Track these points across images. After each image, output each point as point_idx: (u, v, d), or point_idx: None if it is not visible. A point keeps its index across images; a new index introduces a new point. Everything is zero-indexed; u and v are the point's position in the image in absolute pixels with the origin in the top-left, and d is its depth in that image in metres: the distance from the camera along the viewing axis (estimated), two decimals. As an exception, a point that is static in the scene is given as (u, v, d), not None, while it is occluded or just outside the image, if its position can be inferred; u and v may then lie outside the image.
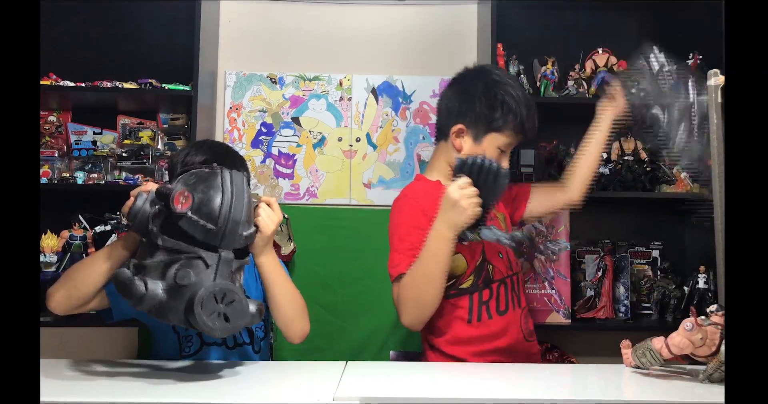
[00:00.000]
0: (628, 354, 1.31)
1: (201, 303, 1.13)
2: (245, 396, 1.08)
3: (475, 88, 1.60)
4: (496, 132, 1.58)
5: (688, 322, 1.18)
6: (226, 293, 1.16)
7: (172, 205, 1.16)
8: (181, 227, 1.17)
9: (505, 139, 1.59)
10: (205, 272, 1.17)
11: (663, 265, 2.59)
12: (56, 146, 2.52)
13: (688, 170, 2.13)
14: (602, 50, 2.56)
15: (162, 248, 1.19)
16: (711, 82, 1.95)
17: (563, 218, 2.32)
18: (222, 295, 1.15)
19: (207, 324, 1.14)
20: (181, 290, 1.15)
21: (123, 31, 2.63)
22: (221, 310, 1.15)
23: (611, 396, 1.15)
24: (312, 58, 2.70)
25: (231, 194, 1.20)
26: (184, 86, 2.39)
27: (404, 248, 1.56)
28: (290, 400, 1.07)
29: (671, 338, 1.21)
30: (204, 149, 1.60)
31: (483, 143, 1.59)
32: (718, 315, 1.19)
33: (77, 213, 2.44)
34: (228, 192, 1.20)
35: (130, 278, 1.15)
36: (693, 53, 2.47)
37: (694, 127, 1.43)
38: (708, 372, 1.18)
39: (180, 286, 1.14)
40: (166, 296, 1.15)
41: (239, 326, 1.20)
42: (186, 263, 1.17)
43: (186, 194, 1.17)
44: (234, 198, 1.20)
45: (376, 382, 1.24)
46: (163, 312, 1.17)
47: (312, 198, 2.66)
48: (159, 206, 1.21)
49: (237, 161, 1.60)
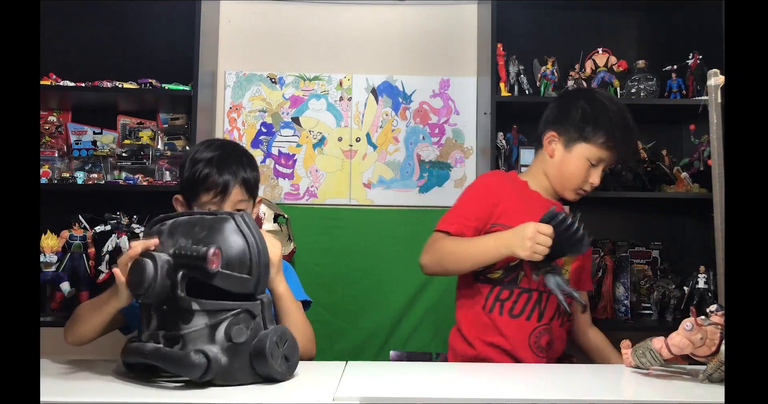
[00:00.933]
0: (628, 354, 1.31)
1: (271, 353, 1.12)
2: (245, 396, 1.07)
3: (575, 101, 1.71)
4: (586, 142, 1.66)
5: (688, 322, 1.18)
6: (280, 336, 1.15)
7: (208, 266, 1.09)
8: (215, 284, 1.12)
9: (594, 151, 1.65)
10: (254, 322, 1.14)
11: (663, 265, 2.59)
12: (56, 146, 2.52)
13: None
14: (602, 50, 2.56)
15: (199, 313, 1.12)
16: (711, 82, 1.95)
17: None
18: (282, 339, 1.15)
19: (278, 371, 1.14)
20: (239, 348, 1.12)
21: (123, 31, 2.64)
22: (282, 353, 1.15)
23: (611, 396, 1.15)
24: (312, 58, 2.70)
25: (254, 239, 1.15)
26: (184, 86, 2.39)
27: (460, 212, 1.66)
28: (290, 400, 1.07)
29: (671, 338, 1.21)
30: (213, 147, 1.54)
31: (573, 151, 1.67)
32: (718, 314, 1.19)
33: (77, 213, 2.44)
34: (250, 237, 1.15)
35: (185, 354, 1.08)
36: (693, 53, 2.48)
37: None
38: (708, 372, 1.18)
39: (237, 345, 1.12)
40: (226, 358, 1.11)
41: (296, 363, 1.19)
42: (234, 320, 1.13)
43: (217, 252, 1.10)
44: (258, 242, 1.15)
45: (376, 382, 1.24)
46: (228, 376, 1.12)
47: (312, 198, 2.66)
48: (183, 272, 1.12)
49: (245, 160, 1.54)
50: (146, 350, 1.13)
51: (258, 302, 1.15)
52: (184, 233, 1.17)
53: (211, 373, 1.09)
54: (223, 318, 1.12)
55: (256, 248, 1.15)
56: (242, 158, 1.53)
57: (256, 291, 1.16)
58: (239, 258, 1.14)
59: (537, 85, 2.55)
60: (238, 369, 1.12)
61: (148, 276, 1.10)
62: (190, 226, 1.17)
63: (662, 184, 2.49)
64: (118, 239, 2.44)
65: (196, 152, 1.52)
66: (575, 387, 1.26)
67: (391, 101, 2.70)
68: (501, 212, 1.63)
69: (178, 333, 1.11)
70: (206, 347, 1.09)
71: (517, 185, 1.73)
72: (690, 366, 1.28)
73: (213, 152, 1.51)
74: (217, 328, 1.12)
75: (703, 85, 2.41)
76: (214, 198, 1.47)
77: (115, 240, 2.44)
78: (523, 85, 2.51)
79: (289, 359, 1.16)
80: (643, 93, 2.48)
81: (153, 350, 1.12)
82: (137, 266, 1.13)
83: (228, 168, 1.48)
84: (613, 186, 2.46)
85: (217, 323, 1.12)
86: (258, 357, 1.12)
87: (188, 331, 1.11)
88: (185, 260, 1.12)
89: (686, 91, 2.49)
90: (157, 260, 1.11)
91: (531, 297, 1.61)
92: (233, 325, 1.12)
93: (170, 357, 1.10)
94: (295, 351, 1.18)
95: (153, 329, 1.16)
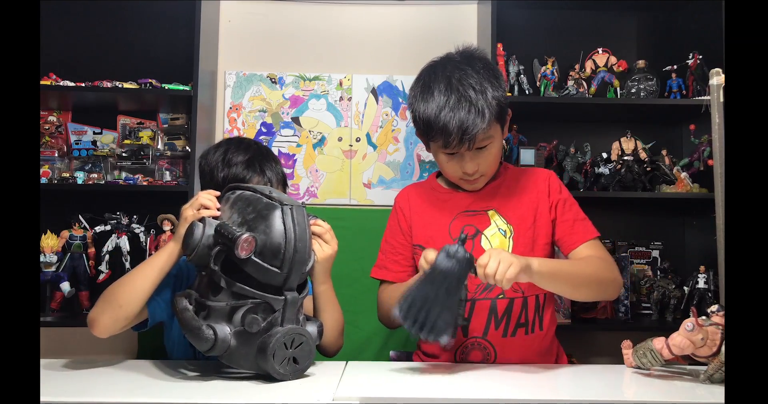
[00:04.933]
0: (628, 354, 1.31)
1: (273, 353, 1.13)
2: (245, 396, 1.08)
3: (411, 92, 1.50)
4: (430, 141, 1.47)
5: (689, 322, 1.17)
6: (294, 338, 1.16)
7: (238, 252, 1.12)
8: (245, 270, 1.15)
9: (438, 146, 1.46)
10: (273, 316, 1.16)
11: (663, 265, 2.59)
12: (56, 146, 2.52)
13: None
14: (602, 50, 2.56)
15: (226, 291, 1.16)
16: (713, 81, 1.95)
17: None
18: (291, 341, 1.15)
19: (279, 371, 1.14)
20: (250, 336, 1.14)
21: (123, 31, 2.64)
22: (290, 355, 1.15)
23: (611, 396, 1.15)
24: (312, 58, 2.70)
25: (294, 234, 1.15)
26: (184, 86, 2.39)
27: (387, 249, 1.61)
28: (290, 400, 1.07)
29: (672, 338, 1.21)
30: (243, 147, 1.55)
31: (432, 149, 1.50)
32: (719, 315, 1.19)
33: (77, 213, 2.45)
34: (291, 232, 1.15)
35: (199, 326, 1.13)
36: (693, 53, 2.48)
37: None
38: (709, 372, 1.18)
39: (249, 333, 1.14)
40: (236, 342, 1.14)
41: (307, 367, 1.20)
42: (252, 309, 1.15)
43: (250, 240, 1.13)
44: (297, 239, 1.16)
45: (376, 382, 1.24)
46: (234, 358, 1.15)
47: (312, 198, 2.66)
48: (220, 246, 1.16)
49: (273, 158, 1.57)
50: (180, 305, 1.18)
51: (282, 298, 1.16)
52: (240, 209, 1.21)
53: (217, 350, 1.13)
54: (243, 303, 1.15)
55: (293, 244, 1.16)
56: (273, 157, 1.58)
57: (284, 286, 1.17)
58: (274, 250, 1.15)
59: (537, 86, 2.55)
60: (244, 355, 1.15)
61: (195, 240, 1.18)
62: (247, 203, 1.21)
63: (662, 184, 2.49)
64: (118, 239, 2.44)
65: (227, 151, 1.53)
66: (575, 387, 1.26)
67: (391, 100, 2.70)
68: (416, 231, 1.56)
69: (205, 302, 1.17)
70: (220, 325, 1.14)
71: (430, 192, 1.60)
72: (690, 367, 1.28)
73: (246, 152, 1.53)
74: (237, 311, 1.16)
75: (703, 85, 2.41)
76: None
77: (115, 240, 2.44)
78: (523, 85, 2.51)
79: (298, 362, 1.17)
80: (643, 93, 2.48)
81: (183, 308, 1.18)
82: (190, 227, 1.20)
83: (269, 168, 1.53)
84: (612, 186, 2.46)
85: (237, 306, 1.16)
86: (261, 352, 1.14)
87: (213, 304, 1.16)
88: (222, 239, 1.16)
89: (686, 91, 2.49)
90: (206, 229, 1.19)
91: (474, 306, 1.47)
92: (250, 313, 1.15)
93: (188, 324, 1.15)
94: (309, 356, 1.19)
95: (194, 287, 1.23)
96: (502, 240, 1.49)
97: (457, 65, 1.45)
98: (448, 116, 1.38)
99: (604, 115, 2.64)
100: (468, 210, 1.53)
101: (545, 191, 1.54)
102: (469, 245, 1.46)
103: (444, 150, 1.46)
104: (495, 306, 1.47)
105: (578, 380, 1.32)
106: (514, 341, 1.48)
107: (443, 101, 1.39)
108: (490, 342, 1.47)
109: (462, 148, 1.42)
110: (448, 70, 1.44)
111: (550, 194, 1.54)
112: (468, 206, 1.53)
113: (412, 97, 1.48)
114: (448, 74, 1.43)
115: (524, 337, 1.48)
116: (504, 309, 1.47)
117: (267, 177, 1.51)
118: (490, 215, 1.52)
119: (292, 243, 1.15)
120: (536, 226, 1.51)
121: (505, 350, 1.47)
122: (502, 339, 1.47)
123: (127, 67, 2.54)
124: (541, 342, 1.52)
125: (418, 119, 1.46)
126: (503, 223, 1.51)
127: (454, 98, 1.39)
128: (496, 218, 1.52)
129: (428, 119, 1.41)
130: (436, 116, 1.40)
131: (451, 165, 1.48)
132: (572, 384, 1.29)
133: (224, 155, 1.53)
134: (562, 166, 2.54)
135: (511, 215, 1.51)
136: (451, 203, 1.55)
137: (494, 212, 1.52)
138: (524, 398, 1.11)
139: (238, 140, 1.63)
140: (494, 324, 1.47)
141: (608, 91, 2.52)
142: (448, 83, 1.41)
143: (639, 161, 2.49)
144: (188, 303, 1.19)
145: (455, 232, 1.49)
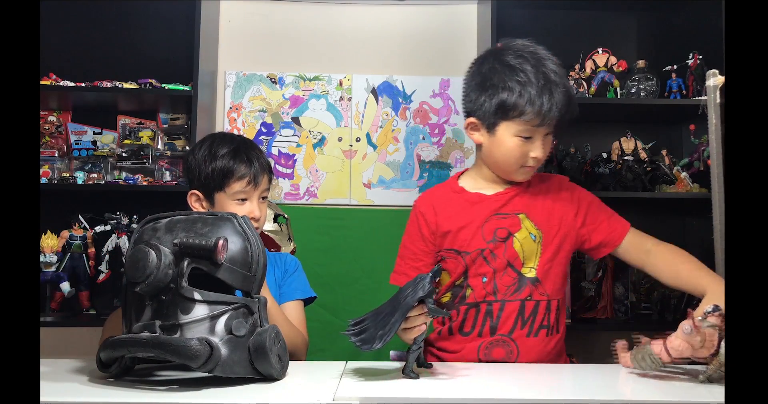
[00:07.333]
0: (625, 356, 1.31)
1: (270, 349, 1.13)
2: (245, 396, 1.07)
3: (480, 77, 1.51)
4: (506, 120, 1.46)
5: (687, 325, 1.17)
6: (276, 334, 1.17)
7: (218, 257, 1.12)
8: (219, 277, 1.14)
9: (518, 126, 1.45)
10: (252, 318, 1.16)
11: (663, 265, 2.59)
12: (56, 146, 2.52)
13: None
14: (602, 50, 2.56)
15: (201, 303, 1.13)
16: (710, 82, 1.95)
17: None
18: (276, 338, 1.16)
19: (276, 368, 1.15)
20: (238, 341, 1.13)
21: (123, 31, 2.64)
22: (276, 351, 1.16)
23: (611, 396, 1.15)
24: (312, 58, 2.71)
25: (255, 239, 1.18)
26: (184, 86, 2.39)
27: (406, 255, 1.61)
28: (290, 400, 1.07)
29: (670, 341, 1.20)
30: (227, 139, 1.58)
31: (497, 134, 1.48)
32: (715, 315, 1.19)
33: (77, 213, 2.45)
34: (251, 237, 1.18)
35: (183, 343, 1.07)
36: (693, 53, 2.48)
37: None
38: (708, 373, 1.17)
39: (237, 337, 1.13)
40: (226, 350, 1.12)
41: (288, 363, 1.21)
42: (234, 314, 1.14)
43: (224, 243, 1.13)
44: (258, 244, 1.18)
45: (376, 382, 1.24)
46: (227, 367, 1.12)
47: (312, 198, 2.66)
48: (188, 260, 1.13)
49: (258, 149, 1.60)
50: (142, 339, 1.09)
51: (256, 300, 1.17)
52: (184, 229, 1.16)
53: (212, 362, 1.08)
54: (223, 310, 1.13)
55: (257, 249, 1.18)
56: (257, 147, 1.61)
57: (254, 290, 1.18)
58: (242, 256, 1.16)
59: (537, 86, 2.55)
60: (238, 361, 1.13)
61: (150, 265, 1.10)
62: (190, 223, 1.18)
63: (662, 184, 2.49)
64: (118, 239, 2.44)
65: (211, 145, 1.55)
66: (575, 387, 1.26)
67: (391, 101, 2.70)
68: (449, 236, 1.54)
69: (177, 322, 1.11)
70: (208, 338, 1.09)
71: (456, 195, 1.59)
72: (689, 366, 1.28)
73: (231, 144, 1.55)
74: (218, 320, 1.13)
75: (703, 85, 2.41)
76: (246, 186, 1.52)
77: (115, 240, 2.44)
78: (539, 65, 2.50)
79: (282, 358, 1.18)
80: (643, 93, 2.48)
81: (150, 338, 1.09)
82: (139, 254, 1.11)
83: (255, 157, 1.55)
84: (613, 186, 2.46)
85: (217, 315, 1.13)
86: (258, 352, 1.13)
87: (188, 321, 1.11)
88: (192, 250, 1.13)
89: (686, 91, 2.49)
90: (161, 250, 1.12)
91: (480, 311, 1.52)
92: (233, 319, 1.13)
93: (171, 345, 1.07)
94: (287, 352, 1.20)
95: (147, 319, 1.13)
96: (531, 245, 1.52)
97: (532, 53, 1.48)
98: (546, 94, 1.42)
99: (604, 115, 2.64)
100: (499, 213, 1.54)
101: (567, 198, 1.57)
102: (501, 247, 1.50)
103: (525, 131, 1.46)
104: (523, 307, 1.51)
105: (578, 379, 1.32)
106: (536, 341, 1.51)
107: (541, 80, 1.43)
108: (515, 341, 1.51)
109: (544, 127, 1.45)
110: (526, 54, 1.48)
111: (573, 201, 1.57)
112: (498, 209, 1.54)
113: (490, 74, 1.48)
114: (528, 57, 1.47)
115: (545, 338, 1.52)
116: (531, 310, 1.51)
117: (254, 167, 1.53)
118: (521, 218, 1.53)
119: (256, 246, 1.18)
120: (560, 234, 1.54)
121: (527, 349, 1.51)
122: (526, 339, 1.51)
123: (127, 67, 2.54)
124: (557, 344, 1.55)
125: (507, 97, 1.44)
126: (533, 227, 1.52)
127: (544, 79, 1.44)
128: (527, 222, 1.53)
129: (529, 94, 1.43)
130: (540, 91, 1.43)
131: (522, 150, 1.48)
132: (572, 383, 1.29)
133: (210, 149, 1.54)
134: (562, 166, 2.54)
135: (540, 220, 1.53)
136: (481, 206, 1.55)
137: (524, 217, 1.53)
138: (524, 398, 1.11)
139: (221, 134, 1.66)
140: (520, 324, 1.51)
141: (608, 92, 2.51)
142: (537, 64, 1.45)
143: (639, 161, 2.49)
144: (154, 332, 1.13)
145: (488, 234, 1.51)
